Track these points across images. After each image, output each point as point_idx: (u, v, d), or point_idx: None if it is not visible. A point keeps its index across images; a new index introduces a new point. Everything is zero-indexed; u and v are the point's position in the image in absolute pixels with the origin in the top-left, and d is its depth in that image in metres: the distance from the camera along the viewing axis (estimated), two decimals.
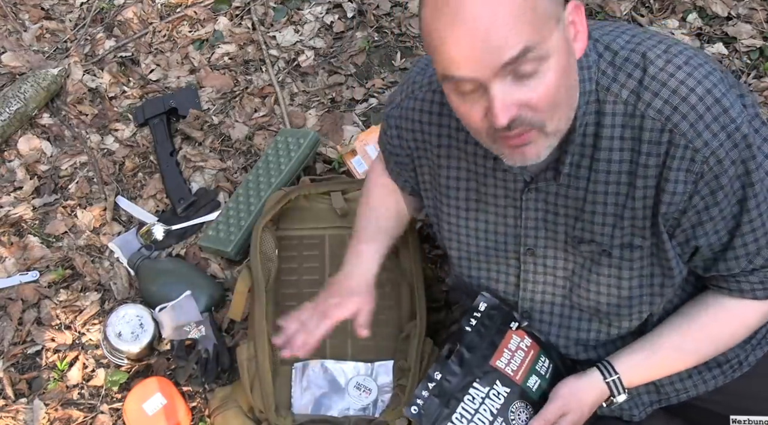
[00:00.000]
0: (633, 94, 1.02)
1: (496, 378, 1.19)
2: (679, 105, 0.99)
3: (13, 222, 2.02)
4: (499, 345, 1.22)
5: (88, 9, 2.46)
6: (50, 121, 2.21)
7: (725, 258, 1.10)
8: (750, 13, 2.13)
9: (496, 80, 0.90)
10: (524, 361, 1.22)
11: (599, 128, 1.04)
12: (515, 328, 1.25)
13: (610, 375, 1.18)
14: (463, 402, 1.17)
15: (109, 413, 1.71)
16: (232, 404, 1.59)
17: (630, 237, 1.10)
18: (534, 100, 0.92)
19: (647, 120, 1.01)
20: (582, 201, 1.10)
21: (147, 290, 1.82)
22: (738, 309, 1.16)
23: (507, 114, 0.91)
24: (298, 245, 1.73)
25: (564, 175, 1.08)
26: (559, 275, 1.19)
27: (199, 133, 2.12)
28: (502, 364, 1.20)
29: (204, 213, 1.98)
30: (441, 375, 1.18)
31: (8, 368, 1.79)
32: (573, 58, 0.96)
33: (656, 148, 1.01)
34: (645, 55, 1.02)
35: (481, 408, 1.17)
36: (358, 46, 2.24)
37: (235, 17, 2.38)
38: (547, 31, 0.89)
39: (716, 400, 1.26)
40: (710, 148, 0.99)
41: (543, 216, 1.15)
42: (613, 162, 1.05)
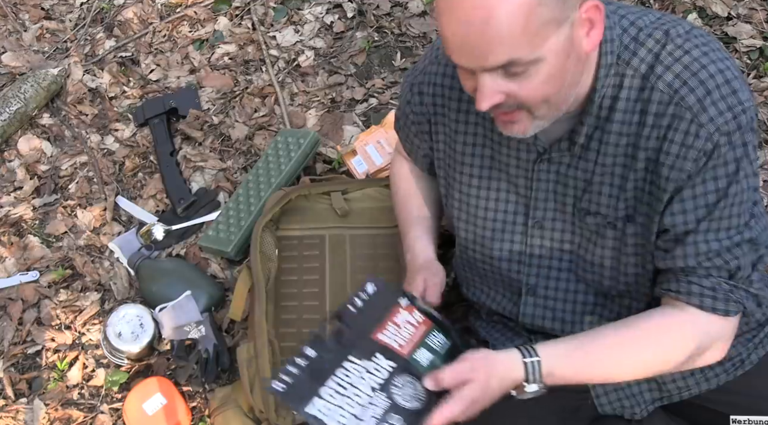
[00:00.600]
0: (650, 68, 1.03)
1: (377, 351, 1.06)
2: (689, 79, 1.00)
3: (13, 222, 2.02)
4: (383, 319, 1.10)
5: (88, 9, 2.46)
6: (50, 121, 2.21)
7: (690, 242, 1.05)
8: (750, 13, 2.13)
9: (484, 73, 0.95)
10: (414, 335, 1.10)
11: (615, 100, 1.05)
12: (405, 305, 1.14)
13: (529, 356, 1.05)
14: (335, 377, 1.02)
15: (109, 413, 1.71)
16: (232, 404, 1.59)
17: (632, 210, 1.10)
18: (521, 95, 0.97)
19: (656, 92, 1.02)
20: (591, 173, 1.11)
21: (147, 290, 1.82)
22: (679, 318, 1.09)
23: (488, 102, 0.97)
24: (298, 245, 1.73)
25: (578, 146, 1.09)
26: (566, 249, 1.19)
27: (199, 133, 2.12)
28: (386, 338, 1.08)
29: (204, 213, 1.98)
30: (315, 352, 1.04)
31: (8, 368, 1.79)
32: (576, 53, 0.97)
33: (660, 120, 1.02)
34: (668, 32, 1.04)
35: (359, 383, 1.03)
36: (358, 46, 2.24)
37: (235, 17, 2.38)
38: (540, 40, 0.92)
39: (717, 399, 1.26)
40: (715, 124, 1.00)
41: (553, 188, 1.15)
42: (622, 135, 1.06)
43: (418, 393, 1.04)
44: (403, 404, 1.03)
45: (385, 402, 1.02)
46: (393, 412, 1.01)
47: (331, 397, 1.00)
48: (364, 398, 1.01)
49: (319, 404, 0.99)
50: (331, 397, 1.00)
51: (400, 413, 1.01)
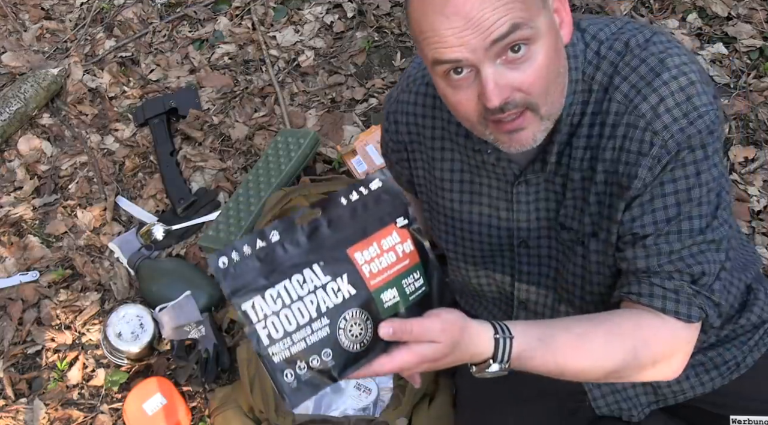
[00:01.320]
0: (609, 79, 1.02)
1: (345, 271, 0.91)
2: (643, 88, 1.00)
3: (13, 222, 2.02)
4: (370, 235, 0.94)
5: (88, 9, 2.46)
6: (50, 121, 2.21)
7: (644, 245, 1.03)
8: (750, 13, 2.13)
9: (487, 62, 0.91)
10: (391, 267, 0.94)
11: (582, 116, 1.04)
12: (400, 225, 0.97)
13: (503, 334, 0.95)
14: (289, 280, 0.88)
15: (109, 413, 1.71)
16: (232, 404, 1.59)
17: (596, 226, 1.09)
18: (526, 83, 0.93)
19: (613, 103, 1.01)
20: (563, 187, 1.10)
21: (147, 290, 1.82)
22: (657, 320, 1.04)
23: (500, 95, 0.92)
24: None
25: (550, 164, 1.08)
26: (552, 266, 1.20)
27: (199, 133, 2.12)
28: (362, 259, 0.92)
29: (204, 213, 1.98)
30: (279, 237, 0.90)
31: (8, 368, 1.79)
32: (561, 42, 0.97)
33: (615, 130, 1.01)
34: (627, 43, 1.03)
35: (308, 299, 0.89)
36: (358, 46, 2.24)
37: (235, 17, 2.38)
38: (535, 10, 0.91)
39: (716, 401, 1.26)
40: (670, 131, 0.98)
41: (534, 207, 1.15)
42: (585, 148, 1.05)
43: (364, 335, 0.90)
44: (342, 341, 0.89)
45: (325, 331, 0.88)
46: (327, 345, 0.88)
47: (273, 302, 0.87)
48: (305, 317, 0.88)
49: (258, 303, 0.86)
50: (272, 301, 0.87)
51: (334, 348, 0.88)
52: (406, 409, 1.49)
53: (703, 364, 1.23)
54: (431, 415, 1.49)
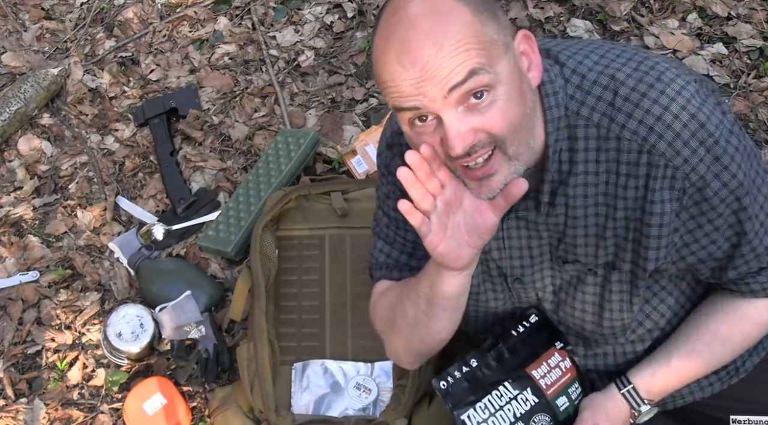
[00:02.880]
0: (605, 116, 1.00)
1: (528, 386, 1.19)
2: (654, 125, 0.98)
3: (14, 222, 2.02)
4: (539, 356, 1.22)
5: (88, 9, 2.46)
6: (50, 121, 2.21)
7: (734, 265, 1.09)
8: (750, 13, 2.13)
9: (447, 110, 0.91)
10: (559, 380, 1.21)
11: (573, 153, 1.03)
12: (559, 347, 1.23)
13: (624, 386, 1.18)
14: (491, 395, 1.17)
15: (109, 413, 1.71)
16: (232, 404, 1.59)
17: (613, 257, 1.09)
18: (489, 125, 0.92)
19: (623, 141, 1.00)
20: (563, 226, 1.09)
21: (147, 290, 1.82)
22: (747, 309, 1.15)
23: (462, 142, 0.91)
24: (298, 245, 1.73)
25: (544, 204, 1.07)
26: (548, 293, 1.20)
27: (199, 133, 2.13)
28: (538, 375, 1.20)
29: (204, 213, 1.98)
30: (477, 363, 1.19)
31: (8, 368, 1.79)
32: (527, 85, 0.96)
33: (635, 170, 1.01)
34: (614, 76, 1.00)
35: (506, 407, 1.17)
36: (358, 46, 2.24)
37: (235, 17, 2.38)
38: (494, 56, 0.90)
39: (716, 405, 1.26)
40: (690, 164, 0.99)
41: (527, 243, 1.14)
42: (589, 185, 1.04)
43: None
44: None
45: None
46: None
47: (482, 411, 1.17)
48: (506, 422, 1.17)
49: (472, 414, 1.16)
50: (482, 411, 1.17)
51: None
52: (406, 409, 1.49)
53: None
54: (431, 415, 1.49)
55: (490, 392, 1.17)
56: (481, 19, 0.90)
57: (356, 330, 1.62)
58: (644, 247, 1.05)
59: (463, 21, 0.89)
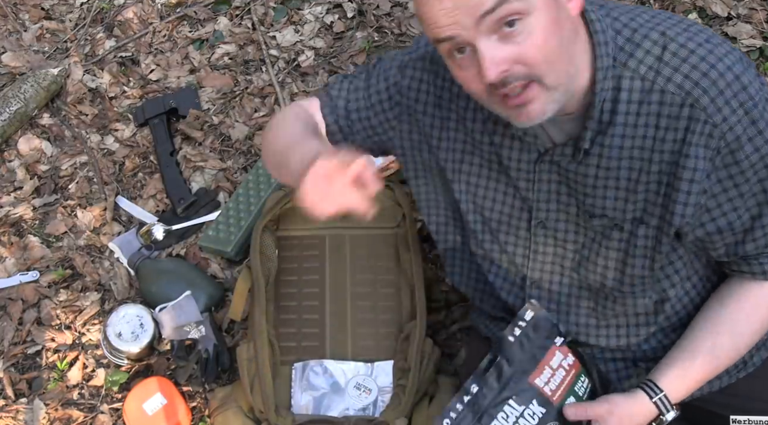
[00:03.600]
0: (652, 70, 1.02)
1: (533, 397, 1.15)
2: (700, 80, 1.00)
3: (13, 222, 2.02)
4: (540, 360, 1.18)
5: (88, 9, 2.46)
6: (50, 121, 2.21)
7: (753, 238, 1.10)
8: (750, 13, 2.13)
9: (480, 38, 0.93)
10: (564, 380, 1.18)
11: (616, 103, 1.04)
12: (559, 344, 1.20)
13: (655, 394, 1.16)
14: (497, 419, 1.13)
15: (109, 413, 1.71)
16: (232, 404, 1.59)
17: (641, 212, 1.10)
18: (524, 56, 0.94)
19: (667, 95, 1.02)
20: (594, 177, 1.10)
21: (147, 290, 1.82)
22: (762, 294, 1.16)
23: (496, 69, 0.93)
24: (298, 245, 1.73)
25: (583, 150, 1.08)
26: (569, 248, 1.19)
27: (199, 133, 2.13)
28: (541, 383, 1.16)
29: (204, 213, 1.98)
30: (478, 388, 1.14)
31: (8, 368, 1.79)
32: (565, 13, 0.97)
33: (675, 123, 1.02)
34: (665, 33, 1.03)
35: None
36: (358, 46, 2.24)
37: (235, 17, 2.38)
38: None
39: (718, 401, 1.26)
40: (728, 123, 1.00)
41: (556, 188, 1.15)
42: (626, 137, 1.05)
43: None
44: None
45: None
46: None
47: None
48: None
49: None
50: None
51: None
52: (406, 409, 1.49)
53: None
54: (431, 415, 1.49)
55: (496, 416, 1.13)
56: None
57: (356, 330, 1.62)
58: (673, 201, 1.06)
59: None
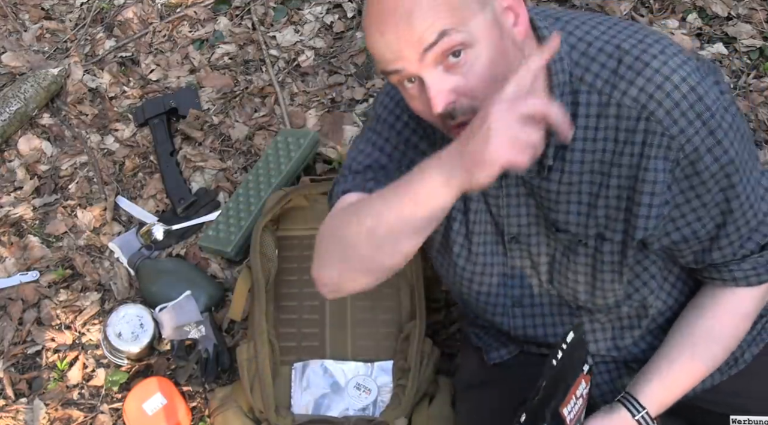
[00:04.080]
0: (608, 83, 1.02)
1: None
2: (654, 92, 1.00)
3: (13, 222, 2.02)
4: (570, 388, 1.15)
5: (88, 9, 2.46)
6: (50, 121, 2.21)
7: (719, 246, 1.10)
8: (750, 13, 2.13)
9: (425, 70, 0.94)
10: (579, 410, 1.18)
11: (574, 118, 1.04)
12: (586, 371, 1.19)
13: (638, 412, 1.16)
14: None
15: (109, 413, 1.71)
16: (232, 404, 1.59)
17: (603, 229, 1.10)
18: (468, 87, 0.95)
19: (623, 108, 1.01)
20: (556, 193, 1.10)
21: (147, 290, 1.82)
22: (733, 300, 1.16)
23: (442, 100, 0.94)
24: (298, 245, 1.73)
25: (547, 167, 1.08)
26: (543, 262, 1.20)
27: (199, 133, 2.13)
28: (567, 412, 1.15)
29: (204, 213, 1.98)
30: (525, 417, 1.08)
31: (8, 368, 1.79)
32: (510, 41, 0.97)
33: (632, 136, 1.02)
34: (619, 46, 1.03)
35: None
36: (358, 46, 2.24)
37: (235, 17, 2.38)
38: (467, 15, 0.93)
39: (716, 400, 1.26)
40: (686, 135, 1.00)
41: (525, 201, 1.15)
42: (586, 152, 1.05)
43: None
44: None
45: None
46: None
47: None
48: None
49: None
50: None
51: None
52: (406, 409, 1.49)
53: None
54: (431, 415, 1.50)
55: None
56: None
57: (356, 330, 1.62)
58: (634, 215, 1.06)
59: None
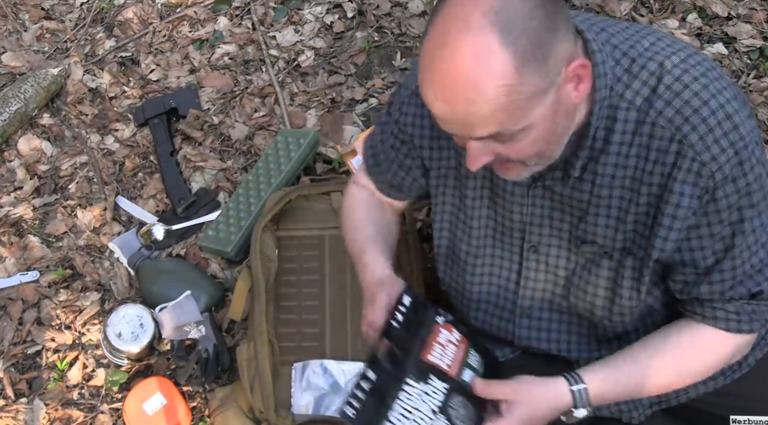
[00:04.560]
0: (646, 101, 1.01)
1: (430, 373, 1.12)
2: (690, 116, 0.99)
3: (14, 222, 2.02)
4: (427, 338, 1.16)
5: (88, 9, 2.46)
6: (50, 121, 2.21)
7: (710, 281, 1.09)
8: (750, 13, 2.13)
9: (471, 142, 0.97)
10: (457, 354, 1.17)
11: (609, 133, 1.04)
12: (442, 322, 1.20)
13: (575, 384, 1.11)
14: (399, 400, 1.09)
15: (109, 413, 1.71)
16: (232, 404, 1.59)
17: (630, 242, 1.10)
18: (506, 155, 0.98)
19: (657, 128, 1.01)
20: (586, 203, 1.10)
21: (147, 290, 1.82)
22: (710, 337, 1.13)
23: (476, 164, 0.99)
24: (298, 245, 1.73)
25: (573, 178, 1.08)
26: (560, 275, 1.19)
27: (199, 133, 2.13)
28: (435, 359, 1.14)
29: (204, 213, 1.98)
30: (375, 375, 1.10)
31: (8, 368, 1.79)
32: (564, 110, 0.97)
33: (663, 156, 1.01)
34: (662, 64, 1.02)
35: (420, 406, 1.10)
36: (358, 46, 2.24)
37: (235, 17, 2.38)
38: (525, 112, 0.92)
39: (717, 402, 1.26)
40: (717, 163, 0.99)
41: (549, 213, 1.15)
42: (619, 167, 1.05)
43: (470, 413, 1.12)
44: None
45: (445, 424, 1.09)
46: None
47: (399, 421, 1.07)
48: (427, 421, 1.08)
49: None
50: (398, 421, 1.07)
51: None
52: None
53: None
54: None
55: (399, 396, 1.09)
56: (525, 71, 0.88)
57: (356, 330, 1.62)
58: (654, 234, 1.06)
59: (502, 75, 0.88)
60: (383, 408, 1.08)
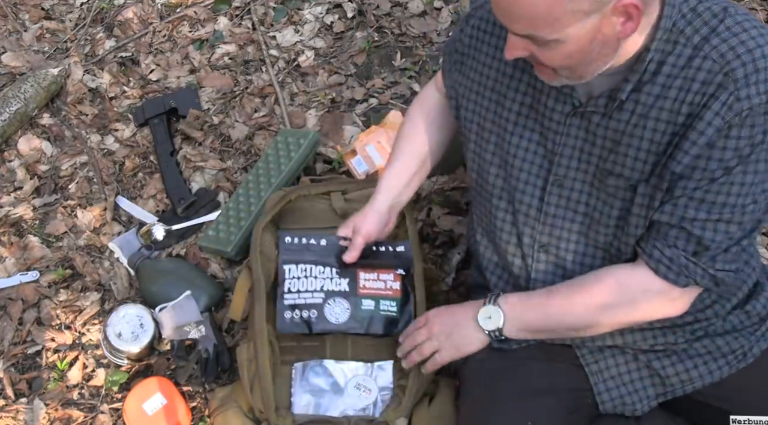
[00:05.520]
0: (704, 40, 1.05)
1: (348, 277, 1.48)
2: (743, 54, 1.03)
3: (14, 222, 2.02)
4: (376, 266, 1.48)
5: (88, 9, 2.47)
6: (50, 121, 2.22)
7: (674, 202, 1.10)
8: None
9: (511, 34, 1.05)
10: (378, 290, 1.47)
11: (661, 65, 1.07)
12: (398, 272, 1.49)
13: (490, 303, 1.28)
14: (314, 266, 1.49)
15: (109, 413, 1.71)
16: (232, 404, 1.59)
17: (649, 174, 1.12)
18: (537, 57, 1.06)
19: (707, 61, 1.04)
20: (621, 133, 1.12)
21: (147, 290, 1.82)
22: (636, 279, 1.16)
23: (510, 54, 1.07)
24: None
25: (618, 102, 1.10)
26: (580, 211, 1.22)
27: (199, 133, 2.13)
28: (363, 277, 1.48)
29: (204, 213, 1.98)
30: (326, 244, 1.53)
31: (8, 368, 1.79)
32: (602, 40, 1.01)
33: (706, 88, 1.04)
34: (726, 8, 1.06)
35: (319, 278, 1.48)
36: (358, 46, 2.24)
37: (235, 17, 2.38)
38: (561, 25, 0.98)
39: (718, 395, 1.26)
40: (750, 103, 1.02)
41: (581, 145, 1.18)
42: (660, 98, 1.08)
43: (340, 316, 1.48)
44: (326, 313, 1.49)
45: (319, 300, 1.48)
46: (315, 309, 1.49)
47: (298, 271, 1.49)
48: (312, 287, 1.49)
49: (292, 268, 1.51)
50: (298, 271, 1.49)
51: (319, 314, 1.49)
52: (406, 409, 1.49)
53: (711, 353, 1.25)
54: (431, 415, 1.49)
55: (315, 264, 1.49)
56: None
57: None
58: (672, 158, 1.08)
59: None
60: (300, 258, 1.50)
